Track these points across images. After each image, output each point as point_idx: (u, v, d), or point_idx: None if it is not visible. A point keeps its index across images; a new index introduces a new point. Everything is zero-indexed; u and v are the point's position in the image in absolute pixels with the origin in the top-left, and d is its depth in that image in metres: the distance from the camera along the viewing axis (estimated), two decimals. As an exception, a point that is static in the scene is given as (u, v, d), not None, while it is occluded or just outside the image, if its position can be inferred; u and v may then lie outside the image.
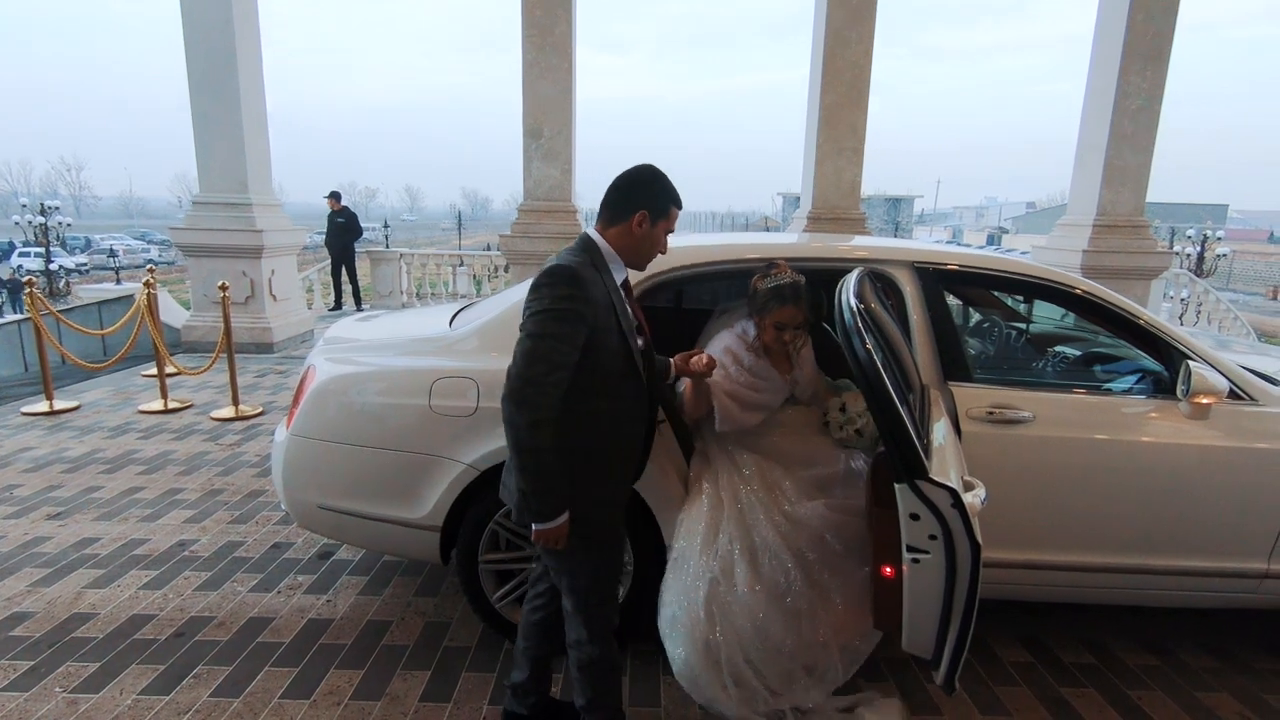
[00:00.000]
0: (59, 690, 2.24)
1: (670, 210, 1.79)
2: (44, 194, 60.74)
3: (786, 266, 2.27)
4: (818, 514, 2.19)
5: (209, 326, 7.31)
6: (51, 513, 3.52)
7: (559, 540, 1.68)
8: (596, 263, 1.72)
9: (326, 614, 2.71)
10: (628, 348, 1.72)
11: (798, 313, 2.24)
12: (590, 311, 1.62)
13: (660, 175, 1.80)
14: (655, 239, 1.79)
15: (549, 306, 1.60)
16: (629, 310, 1.79)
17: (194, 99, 7.14)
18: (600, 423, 1.71)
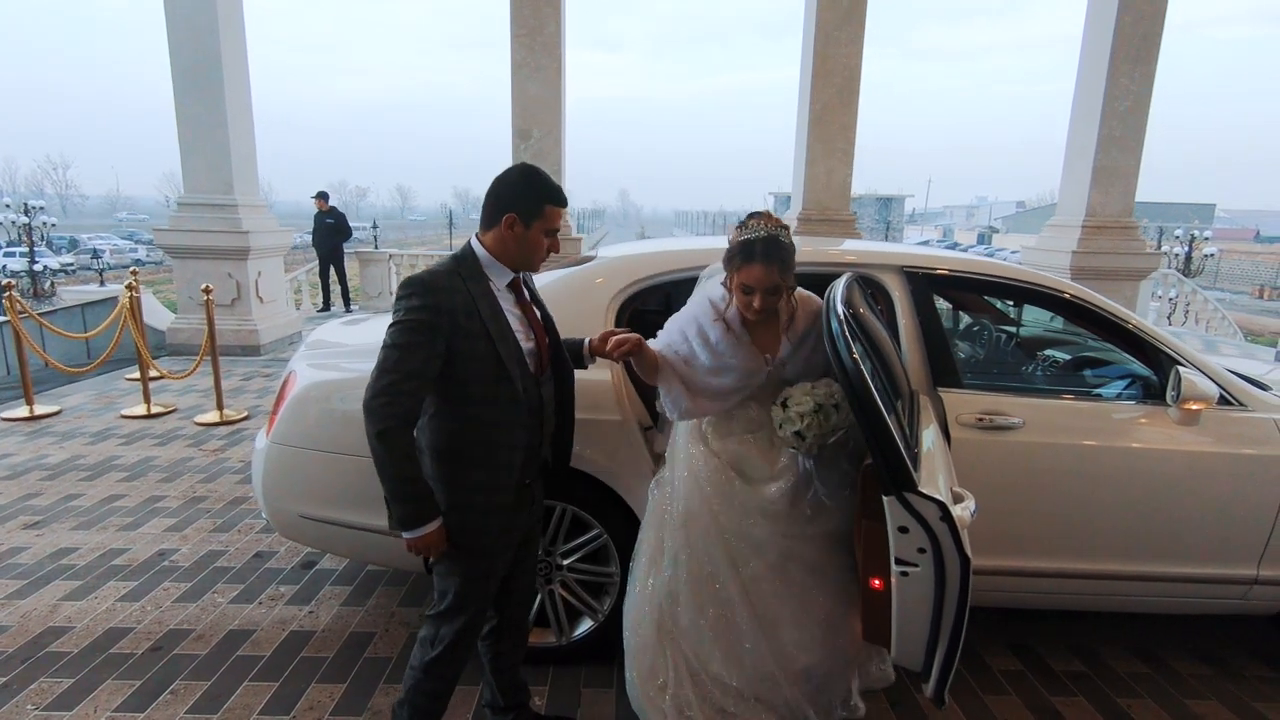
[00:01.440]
0: (31, 708, 2.18)
1: (545, 209, 1.70)
2: (30, 193, 60.14)
3: (773, 217, 1.95)
4: (774, 540, 1.95)
5: (194, 329, 7.22)
6: (28, 521, 3.45)
7: (431, 549, 1.68)
8: (465, 270, 1.69)
9: (308, 625, 2.66)
10: (497, 353, 1.67)
11: (768, 274, 1.85)
12: (444, 320, 1.61)
13: (532, 175, 1.72)
14: (532, 241, 1.71)
15: (400, 318, 1.62)
16: (503, 313, 1.71)
17: (178, 100, 7.05)
18: (472, 429, 1.70)
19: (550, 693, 2.31)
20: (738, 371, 1.98)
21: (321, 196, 10.50)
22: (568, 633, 2.43)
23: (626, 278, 2.53)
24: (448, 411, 1.70)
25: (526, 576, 2.00)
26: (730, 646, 1.95)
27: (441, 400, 1.69)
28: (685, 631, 1.97)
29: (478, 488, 1.71)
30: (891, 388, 1.93)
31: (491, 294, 1.71)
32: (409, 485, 1.63)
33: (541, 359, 1.81)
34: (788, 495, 1.97)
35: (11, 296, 5.15)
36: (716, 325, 1.98)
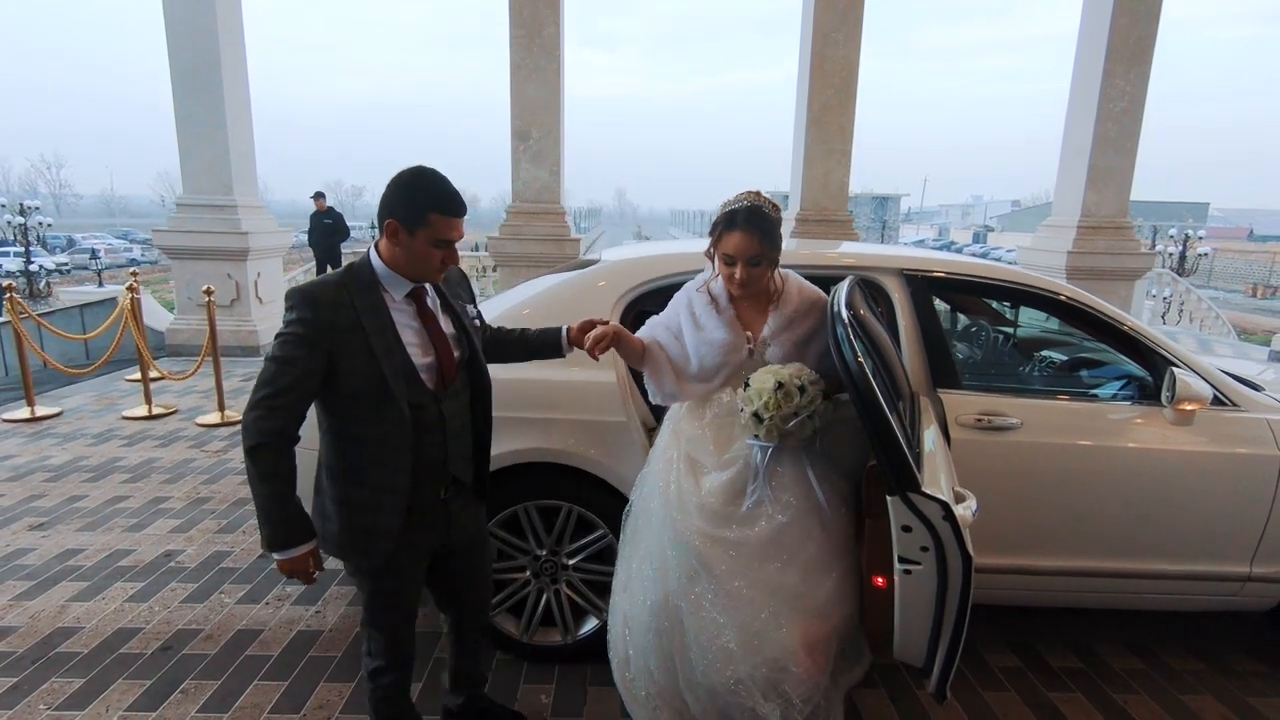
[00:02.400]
0: (43, 708, 2.21)
1: (429, 217, 1.55)
2: (23, 193, 59.85)
3: (762, 195, 1.94)
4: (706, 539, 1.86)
5: (194, 330, 7.24)
6: (34, 523, 3.47)
7: (300, 574, 1.62)
8: (355, 282, 1.60)
9: (315, 625, 2.69)
10: (380, 371, 1.58)
11: (748, 242, 1.83)
12: (323, 336, 1.54)
13: (419, 178, 1.58)
14: (418, 251, 1.58)
15: (281, 330, 1.56)
16: (393, 327, 1.62)
17: (177, 101, 7.06)
18: (358, 447, 1.64)
19: (556, 691, 2.35)
20: (718, 347, 1.94)
21: (319, 196, 10.51)
22: (573, 631, 2.46)
23: (630, 280, 2.56)
24: (336, 428, 1.65)
25: (476, 591, 1.98)
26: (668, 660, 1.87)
27: (329, 416, 1.64)
28: (640, 646, 1.91)
29: (365, 507, 1.65)
30: (893, 389, 1.97)
31: (383, 307, 1.61)
32: (277, 505, 1.56)
33: (443, 374, 1.70)
34: (724, 491, 1.88)
35: (13, 298, 5.16)
36: (701, 296, 2.00)
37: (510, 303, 2.71)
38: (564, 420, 2.36)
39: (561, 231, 7.22)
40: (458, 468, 1.77)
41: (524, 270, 6.94)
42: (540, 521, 2.41)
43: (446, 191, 1.58)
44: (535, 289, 2.77)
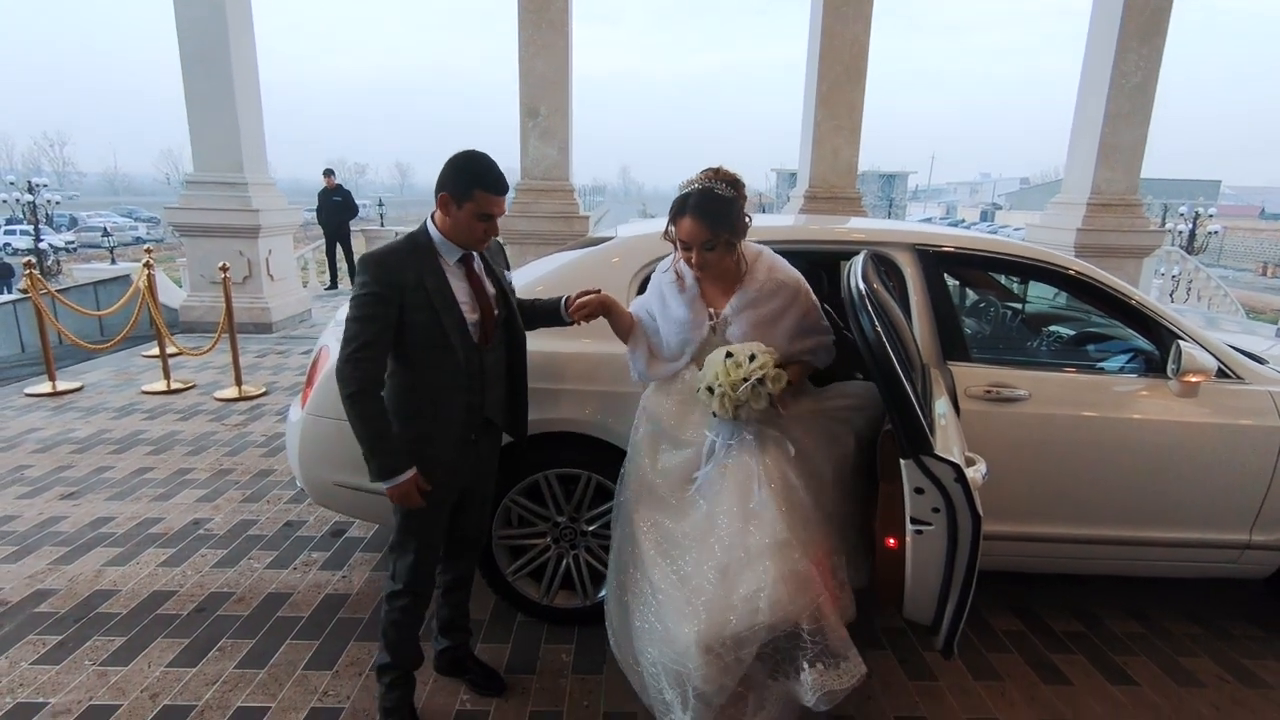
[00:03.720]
0: (89, 663, 2.32)
1: (474, 193, 1.77)
2: (27, 170, 59.71)
3: (722, 171, 1.94)
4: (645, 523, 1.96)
5: (207, 306, 7.31)
6: (64, 493, 3.57)
7: (408, 498, 1.84)
8: (416, 248, 1.84)
9: (342, 589, 2.79)
10: (441, 324, 1.82)
11: (697, 228, 1.87)
12: (394, 294, 1.77)
13: (469, 159, 1.80)
14: (464, 222, 1.81)
15: (358, 293, 1.80)
16: (449, 288, 1.86)
17: (187, 80, 7.06)
18: (420, 389, 1.88)
19: (576, 650, 2.45)
20: (679, 324, 2.02)
21: (329, 174, 10.52)
22: (591, 595, 2.55)
23: (644, 257, 2.60)
24: (400, 373, 1.88)
25: (473, 529, 2.17)
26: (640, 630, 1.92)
27: (394, 362, 1.87)
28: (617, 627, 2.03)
29: (423, 438, 1.89)
30: (906, 362, 2.03)
31: (440, 270, 1.86)
32: (381, 440, 1.80)
33: (485, 330, 1.94)
34: (674, 473, 2.00)
35: (33, 275, 5.23)
36: (668, 275, 2.07)
37: (526, 279, 2.76)
38: (583, 391, 2.43)
39: (570, 209, 7.25)
40: (493, 411, 2.02)
41: (533, 247, 6.99)
42: (560, 489, 2.49)
43: (492, 172, 1.80)
44: (549, 265, 2.82)
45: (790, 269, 2.09)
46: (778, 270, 2.05)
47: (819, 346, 2.11)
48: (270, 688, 2.23)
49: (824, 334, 2.11)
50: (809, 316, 2.07)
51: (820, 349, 2.12)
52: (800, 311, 2.05)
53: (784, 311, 2.02)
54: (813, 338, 2.10)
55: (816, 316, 2.09)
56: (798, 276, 2.07)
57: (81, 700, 2.15)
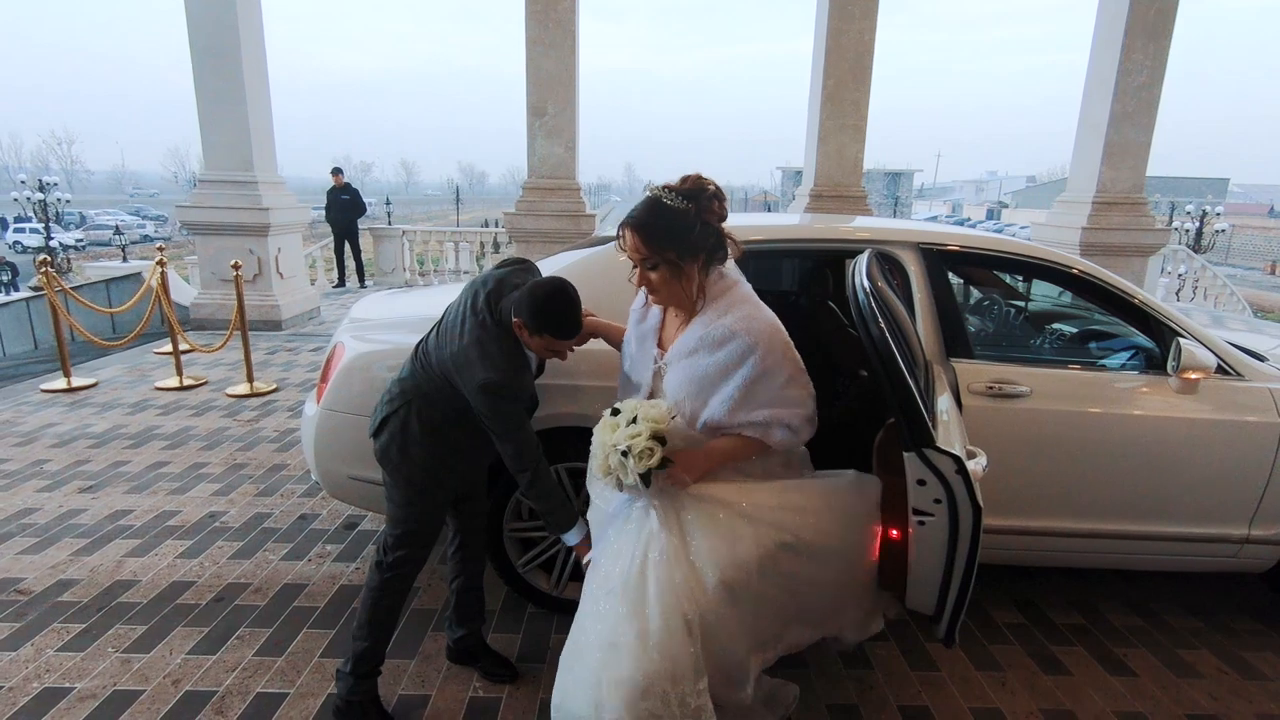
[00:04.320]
0: (111, 650, 2.38)
1: (544, 335, 1.86)
2: (36, 169, 60.05)
3: (694, 179, 1.68)
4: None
5: (217, 304, 7.39)
6: (83, 486, 3.64)
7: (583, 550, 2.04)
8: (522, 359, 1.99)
9: (356, 580, 2.85)
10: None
11: (634, 241, 1.64)
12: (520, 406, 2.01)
13: (544, 300, 1.82)
14: (535, 346, 1.92)
15: (503, 409, 1.93)
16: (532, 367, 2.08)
17: (197, 78, 7.13)
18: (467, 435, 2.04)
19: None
20: (631, 360, 1.86)
21: (337, 172, 10.59)
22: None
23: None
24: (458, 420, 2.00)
25: (478, 517, 2.31)
26: None
27: (458, 414, 1.99)
28: None
29: (448, 466, 2.06)
30: (909, 358, 2.07)
31: (530, 364, 2.04)
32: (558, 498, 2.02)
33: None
34: (593, 515, 2.00)
35: (48, 272, 5.31)
36: (639, 297, 1.84)
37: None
38: (593, 386, 2.48)
39: (577, 207, 7.30)
40: None
41: (539, 245, 7.04)
42: (570, 483, 2.55)
43: (557, 319, 1.84)
44: (562, 263, 2.87)
45: (761, 318, 1.68)
46: (737, 315, 1.66)
47: (774, 422, 1.68)
48: (289, 674, 2.29)
49: (788, 406, 1.68)
50: (765, 383, 1.66)
51: (776, 425, 1.68)
52: (753, 376, 1.64)
53: (729, 371, 1.65)
54: (766, 409, 1.68)
55: (779, 384, 1.68)
56: (765, 329, 1.66)
57: (106, 686, 2.22)
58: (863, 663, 2.41)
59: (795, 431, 1.72)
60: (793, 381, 1.69)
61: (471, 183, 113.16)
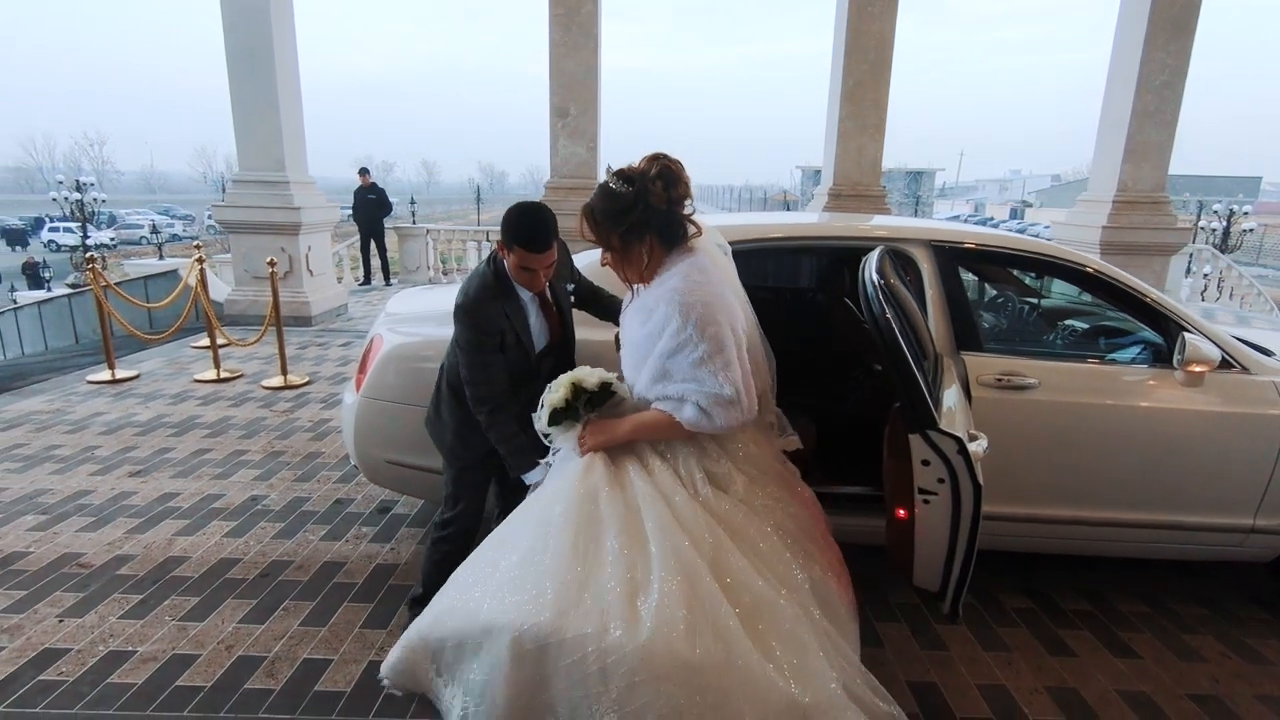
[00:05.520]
0: (169, 619, 2.56)
1: (514, 247, 1.96)
2: (68, 169, 61.56)
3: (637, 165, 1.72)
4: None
5: (250, 300, 7.63)
6: (132, 470, 3.85)
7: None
8: (500, 292, 2.07)
9: (391, 560, 3.01)
10: (516, 351, 2.09)
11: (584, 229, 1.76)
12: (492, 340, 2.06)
13: (516, 214, 1.97)
14: (512, 269, 2.02)
15: (463, 340, 2.07)
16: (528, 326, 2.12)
17: (232, 81, 7.37)
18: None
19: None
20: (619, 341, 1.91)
21: (364, 172, 10.84)
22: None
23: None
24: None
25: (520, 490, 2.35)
26: None
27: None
28: None
29: (475, 428, 2.14)
30: (919, 349, 2.18)
31: (521, 310, 2.10)
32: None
33: (550, 347, 2.23)
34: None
35: (94, 269, 5.56)
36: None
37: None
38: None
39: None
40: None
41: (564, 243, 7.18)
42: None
43: (533, 232, 1.95)
44: (581, 261, 3.01)
45: (691, 291, 1.63)
46: (668, 286, 1.67)
47: (685, 399, 1.65)
48: (332, 643, 2.45)
49: (700, 385, 1.62)
50: (679, 357, 1.63)
51: (688, 403, 1.65)
52: (669, 348, 1.64)
53: (653, 341, 1.67)
54: (680, 385, 1.65)
55: (693, 360, 1.62)
56: (690, 302, 1.61)
57: (165, 650, 2.39)
58: (873, 641, 2.51)
59: (708, 415, 1.64)
60: (708, 360, 1.61)
61: (492, 182, 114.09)
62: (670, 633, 1.40)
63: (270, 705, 2.15)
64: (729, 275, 1.82)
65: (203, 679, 2.25)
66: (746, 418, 1.68)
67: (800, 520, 1.78)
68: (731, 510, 1.67)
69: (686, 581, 1.47)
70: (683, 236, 1.74)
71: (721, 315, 1.63)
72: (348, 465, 3.92)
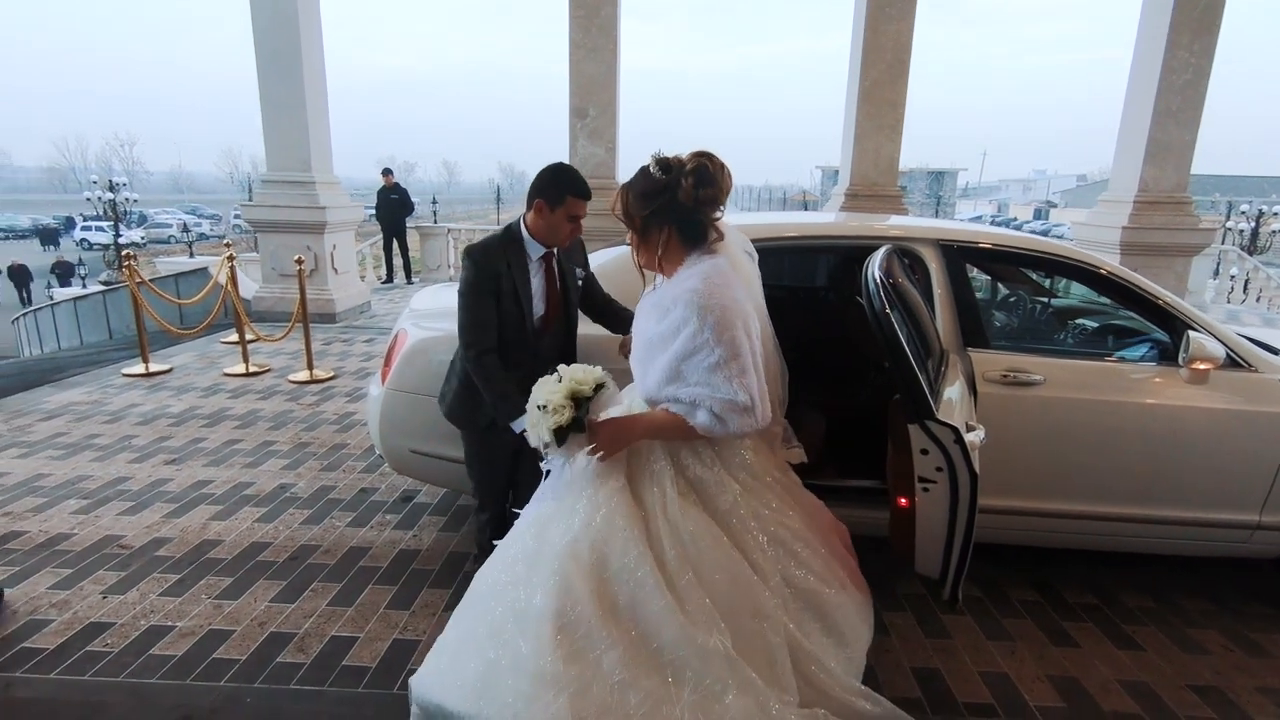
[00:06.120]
0: (205, 597, 2.70)
1: (566, 199, 2.15)
2: (100, 169, 62.91)
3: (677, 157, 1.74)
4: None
5: (277, 297, 7.84)
6: (168, 459, 4.02)
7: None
8: (510, 241, 2.24)
9: (414, 545, 3.13)
10: (513, 309, 2.23)
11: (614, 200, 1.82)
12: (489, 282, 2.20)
13: (558, 171, 2.18)
14: (555, 223, 2.19)
15: (462, 280, 2.25)
16: (529, 282, 2.26)
17: (262, 84, 7.57)
18: None
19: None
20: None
21: (387, 173, 11.05)
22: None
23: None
24: None
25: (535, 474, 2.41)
26: None
27: None
28: None
29: (477, 393, 2.27)
30: (923, 347, 2.24)
31: (524, 265, 2.25)
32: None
33: (548, 319, 2.34)
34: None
35: (131, 266, 5.76)
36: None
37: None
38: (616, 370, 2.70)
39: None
40: None
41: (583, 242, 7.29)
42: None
43: (580, 181, 2.20)
44: (603, 258, 3.10)
45: (709, 293, 1.62)
46: (686, 285, 1.66)
47: (699, 403, 1.64)
48: (358, 622, 2.57)
49: (714, 391, 1.62)
50: (694, 360, 1.63)
51: (701, 407, 1.64)
52: (684, 350, 1.63)
53: (667, 340, 1.66)
54: (693, 388, 1.64)
55: (708, 365, 1.62)
56: (708, 305, 1.61)
57: (203, 625, 2.53)
58: (879, 628, 2.56)
59: (721, 420, 1.63)
60: (723, 366, 1.61)
61: (511, 182, 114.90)
62: None
63: (301, 678, 2.28)
64: (751, 282, 1.81)
65: (238, 652, 2.39)
66: (760, 425, 1.67)
67: (796, 531, 1.77)
68: (699, 533, 1.65)
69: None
70: (703, 238, 1.74)
71: (739, 320, 1.63)
72: (372, 456, 4.05)
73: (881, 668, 2.39)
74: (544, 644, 1.52)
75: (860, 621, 1.84)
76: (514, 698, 1.49)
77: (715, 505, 1.71)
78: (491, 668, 1.57)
